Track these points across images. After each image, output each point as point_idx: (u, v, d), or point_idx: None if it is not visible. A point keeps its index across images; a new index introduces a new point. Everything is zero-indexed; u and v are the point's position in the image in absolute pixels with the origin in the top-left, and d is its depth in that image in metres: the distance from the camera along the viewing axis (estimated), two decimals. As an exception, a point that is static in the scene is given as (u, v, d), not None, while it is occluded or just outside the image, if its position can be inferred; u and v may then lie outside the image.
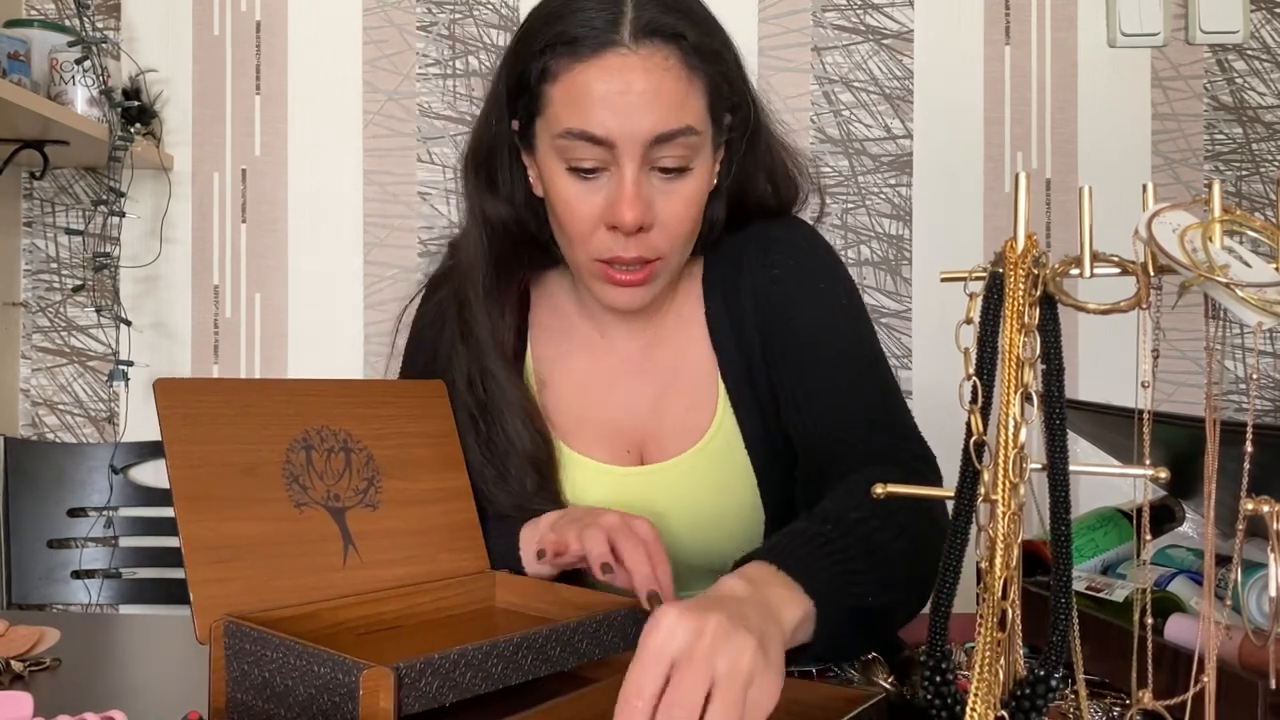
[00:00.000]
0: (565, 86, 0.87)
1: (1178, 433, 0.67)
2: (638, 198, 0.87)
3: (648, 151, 0.87)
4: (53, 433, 1.99)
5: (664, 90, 0.86)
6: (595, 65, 0.86)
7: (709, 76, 0.90)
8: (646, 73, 0.86)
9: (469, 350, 1.00)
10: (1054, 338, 0.47)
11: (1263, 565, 0.70)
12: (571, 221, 0.91)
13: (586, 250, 0.92)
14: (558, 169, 0.90)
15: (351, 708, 0.57)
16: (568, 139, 0.88)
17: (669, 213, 0.90)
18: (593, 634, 0.69)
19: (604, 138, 0.86)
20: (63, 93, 1.75)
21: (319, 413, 0.81)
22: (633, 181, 0.87)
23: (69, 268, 1.99)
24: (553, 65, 0.88)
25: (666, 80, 0.86)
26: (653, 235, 0.91)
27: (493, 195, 0.99)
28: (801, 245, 1.03)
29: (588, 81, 0.86)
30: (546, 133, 0.90)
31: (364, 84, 1.98)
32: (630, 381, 1.04)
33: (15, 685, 0.76)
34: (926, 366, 1.95)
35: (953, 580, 0.50)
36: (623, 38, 0.86)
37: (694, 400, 1.01)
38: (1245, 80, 1.95)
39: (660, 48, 0.86)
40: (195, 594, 0.68)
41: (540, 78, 0.89)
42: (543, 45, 0.88)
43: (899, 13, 1.97)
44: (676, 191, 0.90)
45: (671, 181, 0.90)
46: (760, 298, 1.00)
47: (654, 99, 0.86)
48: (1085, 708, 0.54)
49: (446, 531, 0.85)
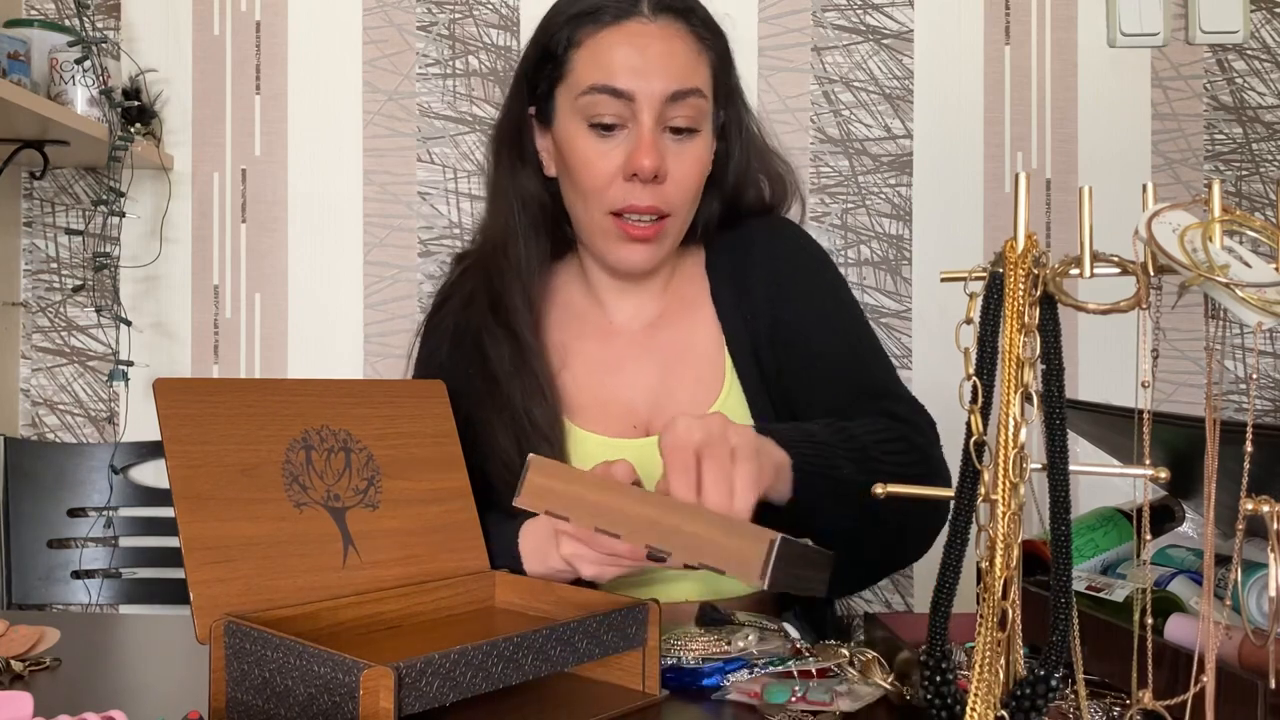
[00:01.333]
0: (590, 49, 0.99)
1: (1178, 433, 0.67)
2: (654, 147, 0.97)
3: (663, 109, 0.97)
4: (53, 433, 1.99)
5: (678, 54, 0.98)
6: (618, 30, 0.98)
7: (714, 51, 1.02)
8: (663, 39, 0.98)
9: (499, 320, 1.05)
10: (1054, 338, 0.47)
11: (1263, 565, 0.70)
12: (590, 176, 0.99)
13: (602, 203, 1.00)
14: (579, 129, 0.99)
15: (351, 707, 0.57)
16: (591, 94, 0.98)
17: (679, 170, 1.00)
18: (593, 634, 0.69)
19: (625, 90, 0.97)
20: (63, 93, 1.75)
21: (319, 413, 0.81)
22: (650, 132, 0.97)
23: (69, 268, 1.99)
24: (578, 34, 0.99)
25: (680, 46, 0.99)
26: (666, 187, 0.99)
27: (524, 168, 1.08)
28: (802, 240, 1.13)
29: (611, 44, 0.98)
30: (569, 95, 1.00)
31: (364, 84, 1.98)
32: (637, 361, 1.09)
33: (15, 685, 0.76)
34: (926, 366, 1.95)
35: (953, 580, 0.50)
36: (642, 10, 0.99)
37: (700, 375, 1.08)
38: (1245, 80, 1.95)
39: (674, 21, 0.99)
40: (195, 594, 0.68)
41: (567, 46, 1.00)
42: (568, 19, 1.00)
43: (899, 13, 1.97)
44: (686, 152, 1.00)
45: (682, 142, 1.00)
46: (770, 284, 1.08)
47: (669, 60, 0.98)
48: (1085, 708, 0.54)
49: (446, 531, 0.85)
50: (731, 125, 1.08)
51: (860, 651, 0.75)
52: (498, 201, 1.09)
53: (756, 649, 0.77)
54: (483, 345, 1.06)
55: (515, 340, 1.05)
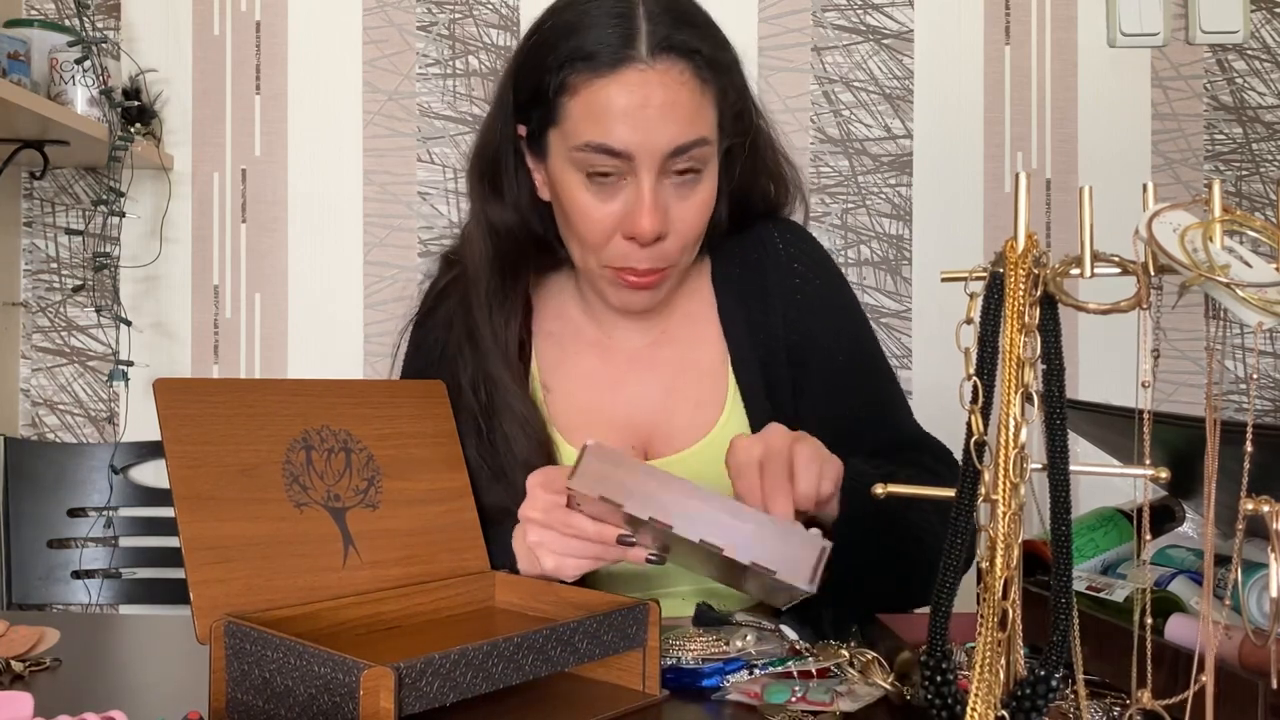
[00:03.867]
0: (584, 101, 0.90)
1: (1178, 433, 0.67)
2: (656, 208, 0.90)
3: (664, 163, 0.90)
4: (53, 433, 1.99)
5: (680, 104, 0.89)
6: (615, 81, 0.88)
7: (719, 88, 0.93)
8: (664, 87, 0.89)
9: (474, 354, 1.01)
10: (1054, 338, 0.47)
11: (1263, 565, 0.70)
12: (588, 230, 0.93)
13: (599, 258, 0.95)
14: (574, 179, 0.93)
15: (352, 708, 0.57)
16: (587, 151, 0.90)
17: (683, 219, 0.94)
18: (593, 634, 0.69)
19: (623, 151, 0.89)
20: (63, 93, 1.75)
21: (319, 413, 0.81)
22: (650, 192, 0.90)
23: (69, 268, 1.99)
24: (571, 79, 0.90)
25: (682, 94, 0.89)
26: (667, 244, 0.94)
27: (498, 201, 1.01)
28: (815, 250, 1.09)
29: (608, 96, 0.88)
30: (562, 144, 0.92)
31: (364, 84, 1.98)
32: (637, 378, 1.05)
33: (15, 685, 0.76)
34: (926, 366, 1.95)
35: (953, 580, 0.50)
36: (640, 54, 0.88)
37: (702, 395, 1.04)
38: (1245, 80, 1.95)
39: (676, 62, 0.89)
40: (195, 594, 0.68)
41: (558, 91, 0.91)
42: (560, 60, 0.90)
43: (899, 13, 1.97)
44: (690, 198, 0.93)
45: (686, 187, 0.93)
46: (788, 298, 1.04)
47: (671, 113, 0.89)
48: (1085, 708, 0.54)
49: (446, 531, 0.85)
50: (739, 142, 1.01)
51: (860, 651, 0.75)
52: (473, 229, 1.04)
53: (755, 649, 0.77)
54: (458, 378, 1.01)
55: (493, 381, 1.00)
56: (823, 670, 0.74)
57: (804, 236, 1.10)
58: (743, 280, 1.06)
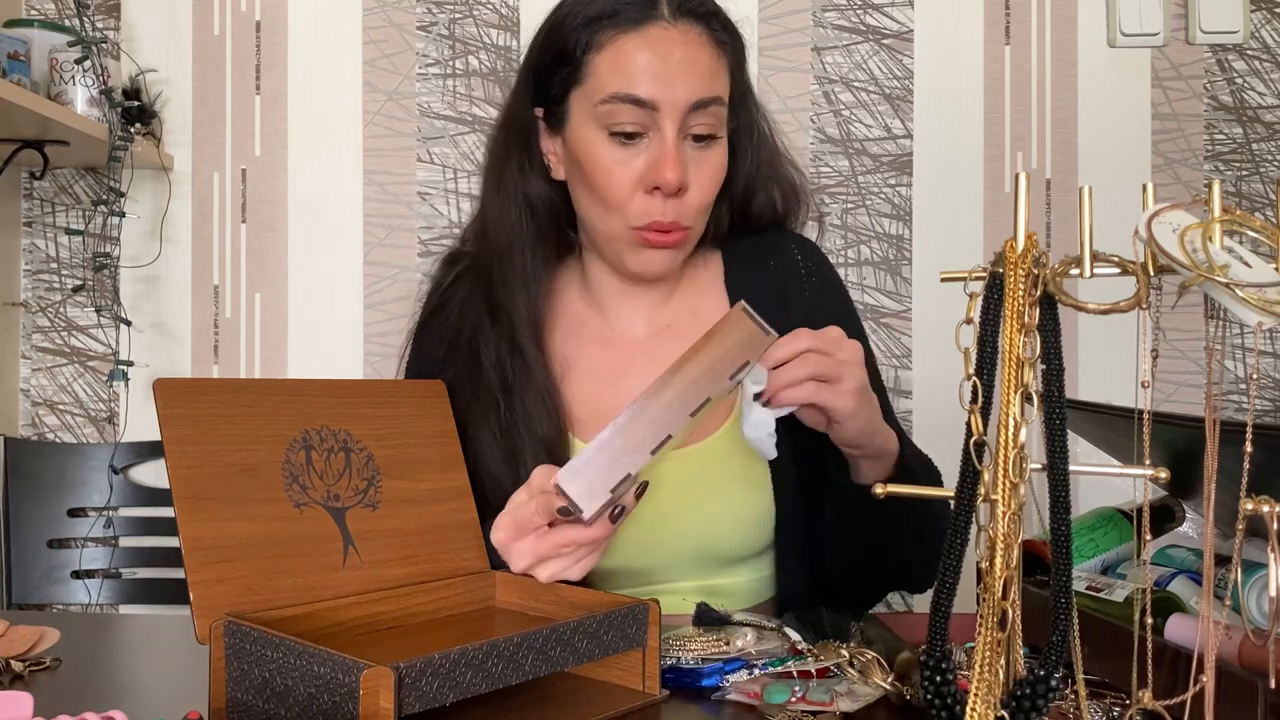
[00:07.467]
0: (610, 54, 0.95)
1: (1178, 433, 0.67)
2: (678, 159, 0.94)
3: (685, 117, 0.94)
4: (53, 433, 1.99)
5: (700, 61, 0.95)
6: (639, 35, 0.94)
7: (733, 55, 1.00)
8: (685, 44, 0.95)
9: (499, 329, 1.02)
10: (1054, 338, 0.47)
11: (1263, 565, 0.70)
12: (611, 187, 0.96)
13: (624, 217, 0.97)
14: (598, 137, 0.96)
15: (351, 708, 0.57)
16: (612, 103, 0.94)
17: (700, 179, 0.97)
18: (593, 634, 0.69)
19: (648, 100, 0.93)
20: (63, 93, 1.75)
21: (319, 413, 0.81)
22: (673, 143, 0.94)
23: (69, 268, 1.99)
24: (597, 36, 0.95)
25: (701, 53, 0.95)
26: (687, 199, 0.97)
27: (534, 172, 1.05)
28: (830, 272, 1.12)
29: (633, 49, 0.94)
30: (586, 101, 0.96)
31: (364, 84, 1.98)
32: (644, 372, 1.05)
33: (15, 685, 0.76)
34: (926, 366, 1.95)
35: (953, 580, 0.50)
36: (662, 13, 0.95)
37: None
38: (1245, 80, 1.95)
39: (695, 24, 0.96)
40: (195, 594, 0.68)
41: (584, 49, 0.96)
42: (587, 19, 0.96)
43: (899, 13, 1.97)
44: (706, 160, 0.98)
45: (702, 150, 0.97)
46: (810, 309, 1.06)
47: (691, 68, 0.94)
48: (1085, 708, 0.54)
49: (446, 531, 0.85)
50: (743, 128, 1.05)
51: (860, 651, 0.75)
52: (504, 205, 1.04)
53: (755, 649, 0.77)
54: (479, 355, 1.02)
55: (519, 353, 1.01)
56: (823, 670, 0.74)
57: (821, 257, 1.12)
58: (759, 282, 1.07)
